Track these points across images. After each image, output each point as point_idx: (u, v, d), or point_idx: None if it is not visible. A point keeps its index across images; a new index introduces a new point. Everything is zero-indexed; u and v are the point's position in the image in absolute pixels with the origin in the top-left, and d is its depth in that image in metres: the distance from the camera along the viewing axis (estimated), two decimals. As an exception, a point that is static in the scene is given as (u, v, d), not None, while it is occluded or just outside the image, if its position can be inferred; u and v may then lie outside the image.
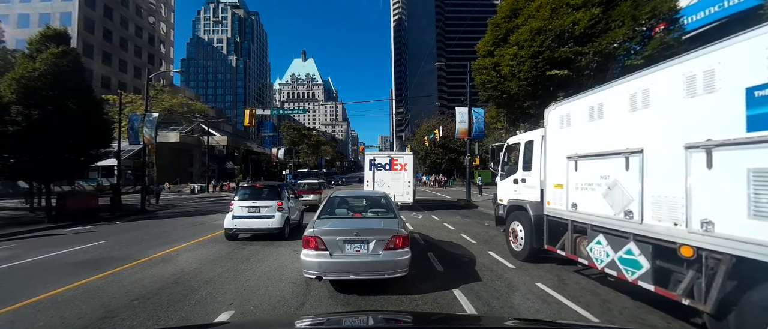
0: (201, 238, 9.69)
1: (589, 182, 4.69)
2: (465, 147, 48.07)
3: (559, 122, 5.46)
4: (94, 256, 7.70)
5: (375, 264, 4.63)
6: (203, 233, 10.55)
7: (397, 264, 4.67)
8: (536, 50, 13.17)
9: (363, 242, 4.72)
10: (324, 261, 4.63)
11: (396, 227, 4.95)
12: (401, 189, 16.09)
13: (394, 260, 4.66)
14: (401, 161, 16.36)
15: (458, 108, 20.26)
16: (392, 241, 4.72)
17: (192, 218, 14.73)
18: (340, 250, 4.70)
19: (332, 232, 4.82)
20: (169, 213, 17.61)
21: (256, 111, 18.35)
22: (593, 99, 4.70)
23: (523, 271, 6.07)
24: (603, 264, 4.37)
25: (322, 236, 4.73)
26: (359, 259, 4.66)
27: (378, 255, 4.67)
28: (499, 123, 16.46)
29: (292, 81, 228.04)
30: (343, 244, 4.71)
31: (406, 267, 4.75)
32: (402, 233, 4.85)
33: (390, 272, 4.66)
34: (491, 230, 10.67)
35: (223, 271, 6.27)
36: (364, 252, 4.70)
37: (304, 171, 57.44)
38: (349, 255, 4.69)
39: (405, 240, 4.80)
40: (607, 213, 4.32)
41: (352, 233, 4.76)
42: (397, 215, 5.70)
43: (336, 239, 4.72)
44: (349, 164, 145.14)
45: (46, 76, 14.55)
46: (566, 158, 5.20)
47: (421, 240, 8.82)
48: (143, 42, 56.67)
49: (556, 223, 5.63)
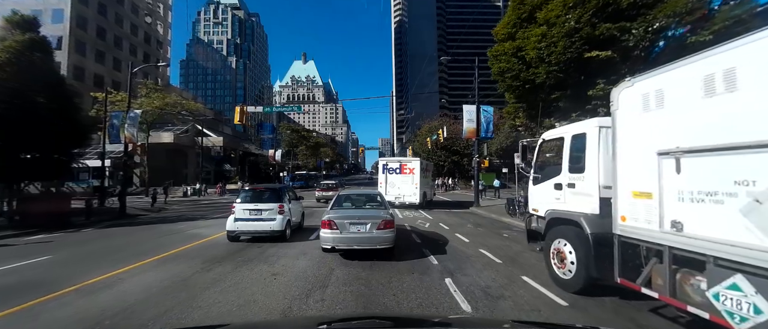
0: (167, 253, 8.04)
1: (709, 191, 3.05)
2: (469, 149, 46.82)
3: (641, 103, 3.82)
4: (18, 279, 6.06)
5: (370, 239, 6.87)
6: (173, 245, 8.89)
7: (385, 239, 6.93)
8: (571, 27, 11.28)
9: (362, 224, 6.94)
10: (336, 236, 6.89)
11: (385, 215, 7.30)
12: (409, 190, 17.50)
13: (383, 236, 6.92)
14: (410, 165, 17.92)
15: (466, 106, 18.64)
16: (382, 224, 6.94)
17: (171, 226, 13.08)
18: (346, 230, 6.90)
19: (341, 217, 7.09)
20: (149, 218, 15.97)
21: (248, 109, 16.86)
22: (713, 63, 3.07)
23: (580, 311, 4.42)
24: (746, 324, 2.71)
25: (335, 219, 6.97)
26: (360, 235, 6.88)
27: (372, 233, 6.88)
28: (518, 119, 14.58)
29: (292, 83, 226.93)
30: (348, 225, 6.92)
31: (392, 242, 7.04)
32: (389, 218, 7.15)
33: (380, 244, 6.91)
34: (514, 244, 9.01)
35: (173, 305, 4.65)
36: (363, 230, 6.91)
37: (303, 173, 55.89)
38: (352, 233, 6.90)
39: (390, 224, 7.07)
40: (753, 241, 2.68)
41: (355, 218, 7.11)
42: (387, 207, 8.23)
43: (344, 221, 6.95)
44: (349, 167, 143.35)
45: (8, 66, 12.98)
46: (657, 155, 3.57)
47: (433, 260, 7.16)
48: (139, 41, 55.27)
49: (634, 248, 3.98)
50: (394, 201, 17.37)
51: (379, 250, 6.97)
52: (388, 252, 7.17)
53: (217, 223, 12.33)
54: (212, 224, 12.67)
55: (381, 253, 7.08)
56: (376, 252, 7.04)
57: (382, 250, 7.00)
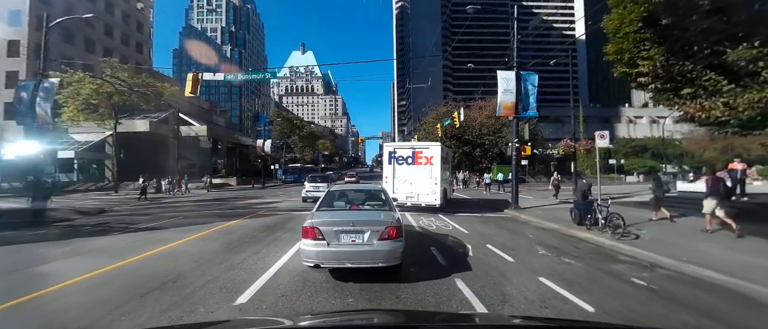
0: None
1: None
2: (482, 138, 41.95)
3: None
4: None
5: (370, 254, 4.78)
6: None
7: (391, 254, 4.82)
8: None
9: (359, 232, 4.88)
10: (321, 250, 4.79)
11: (389, 219, 5.17)
12: (426, 187, 12.78)
13: (388, 250, 4.81)
14: (427, 152, 13.12)
15: (501, 72, 13.76)
16: (386, 232, 4.87)
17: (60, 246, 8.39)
18: (337, 240, 4.86)
19: (330, 223, 5.04)
20: (58, 230, 11.25)
21: (203, 76, 12.16)
22: None
23: None
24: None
25: (319, 226, 4.90)
26: (355, 248, 4.82)
27: (372, 244, 4.81)
28: (644, 63, 8.62)
29: (290, 74, 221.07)
30: (340, 234, 4.88)
31: (399, 257, 4.91)
32: (395, 224, 5.03)
33: (384, 261, 4.81)
34: (651, 297, 4.33)
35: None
36: (359, 242, 4.85)
37: (296, 167, 51.56)
38: (345, 245, 4.85)
39: (399, 231, 4.96)
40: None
41: (349, 223, 4.97)
42: (392, 208, 5.88)
43: (333, 229, 4.90)
44: (349, 160, 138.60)
45: None
46: None
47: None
48: (116, 21, 50.11)
49: None
50: (405, 202, 12.69)
51: (381, 269, 4.98)
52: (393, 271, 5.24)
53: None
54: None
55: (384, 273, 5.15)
56: (379, 272, 5.10)
57: (386, 269, 5.04)
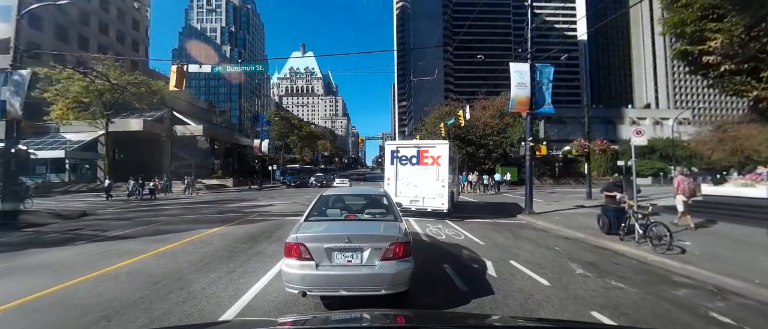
0: None
1: None
2: (486, 138, 40.73)
3: None
4: None
5: (370, 278, 3.70)
6: None
7: (396, 278, 3.72)
8: None
9: (356, 250, 3.79)
10: (308, 274, 3.68)
11: (396, 233, 3.96)
12: (433, 190, 11.76)
13: (393, 272, 3.72)
14: (433, 152, 12.14)
15: (514, 64, 12.58)
16: (391, 250, 3.78)
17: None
18: (327, 260, 3.77)
19: (319, 238, 3.92)
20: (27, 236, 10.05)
21: (188, 67, 10.97)
22: None
23: None
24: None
25: (306, 242, 3.79)
26: (351, 271, 3.74)
27: (374, 265, 3.75)
28: (714, 37, 7.03)
29: (290, 75, 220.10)
30: (331, 253, 3.79)
31: (407, 282, 3.81)
32: (402, 239, 3.88)
33: (388, 287, 3.70)
34: None
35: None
36: (356, 262, 3.78)
37: (295, 167, 50.62)
38: (338, 266, 3.76)
39: (406, 248, 3.87)
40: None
41: (343, 239, 3.83)
42: (397, 217, 4.70)
43: (323, 246, 3.78)
44: (349, 161, 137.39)
45: None
46: None
47: None
48: (110, 17, 49.03)
49: None
50: (409, 206, 11.55)
51: (384, 296, 3.69)
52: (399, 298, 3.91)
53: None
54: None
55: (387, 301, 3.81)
56: (381, 300, 3.75)
57: (391, 296, 3.73)
